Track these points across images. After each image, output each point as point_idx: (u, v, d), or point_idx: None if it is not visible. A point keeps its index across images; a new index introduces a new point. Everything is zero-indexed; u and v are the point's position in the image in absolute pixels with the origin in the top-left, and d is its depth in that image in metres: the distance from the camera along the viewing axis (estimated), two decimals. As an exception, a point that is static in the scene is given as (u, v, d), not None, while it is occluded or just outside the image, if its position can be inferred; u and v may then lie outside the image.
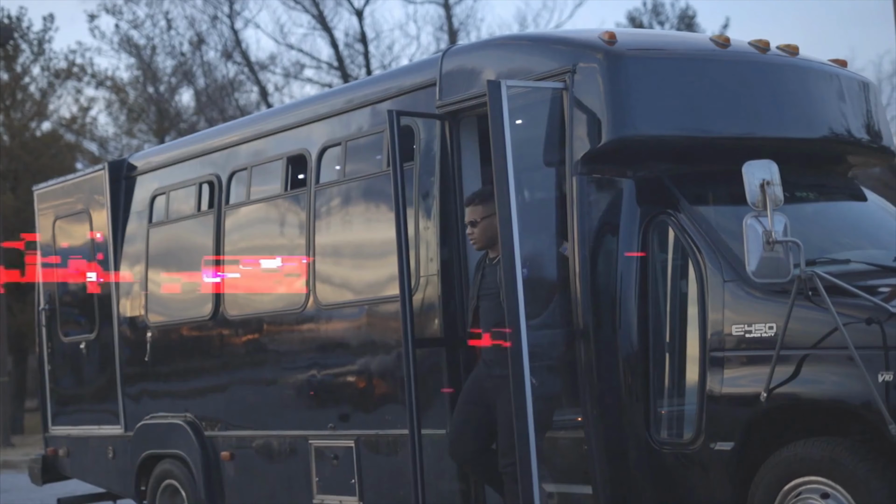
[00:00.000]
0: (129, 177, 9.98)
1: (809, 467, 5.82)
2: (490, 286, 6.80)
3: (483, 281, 6.88)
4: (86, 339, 10.16)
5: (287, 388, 8.36)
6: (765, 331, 5.99)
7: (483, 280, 6.88)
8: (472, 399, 6.91)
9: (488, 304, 6.80)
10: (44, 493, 13.51)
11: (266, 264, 8.72)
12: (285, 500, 8.43)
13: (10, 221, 29.24)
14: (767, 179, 5.81)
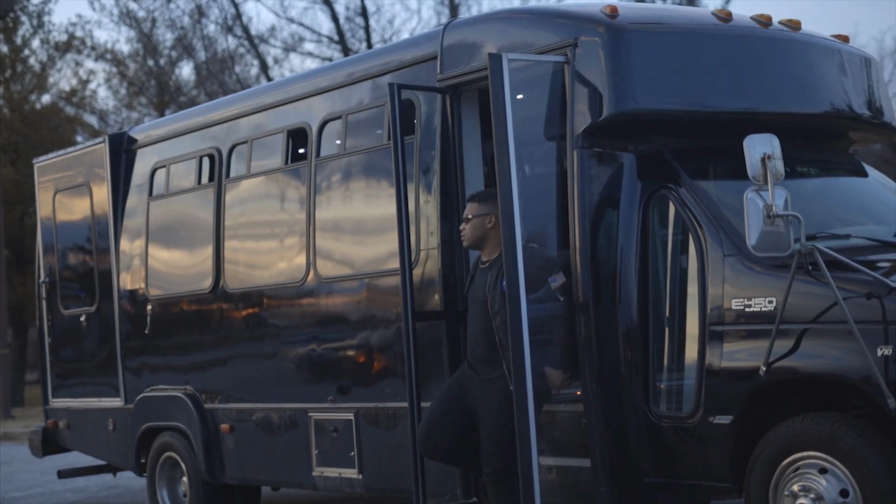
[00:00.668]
0: (130, 150, 9.97)
1: (808, 442, 5.83)
2: (477, 293, 6.73)
3: (472, 284, 6.81)
4: (86, 311, 10.18)
5: (287, 361, 8.37)
6: (764, 305, 6.00)
7: (472, 283, 6.82)
8: (452, 397, 6.80)
9: (475, 309, 6.74)
10: (44, 465, 13.58)
11: (266, 238, 8.73)
12: (285, 473, 8.46)
13: (10, 194, 29.25)
14: (768, 153, 5.81)
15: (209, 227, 9.03)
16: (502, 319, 6.47)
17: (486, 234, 6.70)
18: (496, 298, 6.54)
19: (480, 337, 6.66)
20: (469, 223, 6.75)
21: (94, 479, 12.47)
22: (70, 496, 12.29)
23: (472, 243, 6.79)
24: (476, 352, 6.69)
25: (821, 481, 5.78)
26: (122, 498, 11.85)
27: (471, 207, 6.78)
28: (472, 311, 6.76)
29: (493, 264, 6.66)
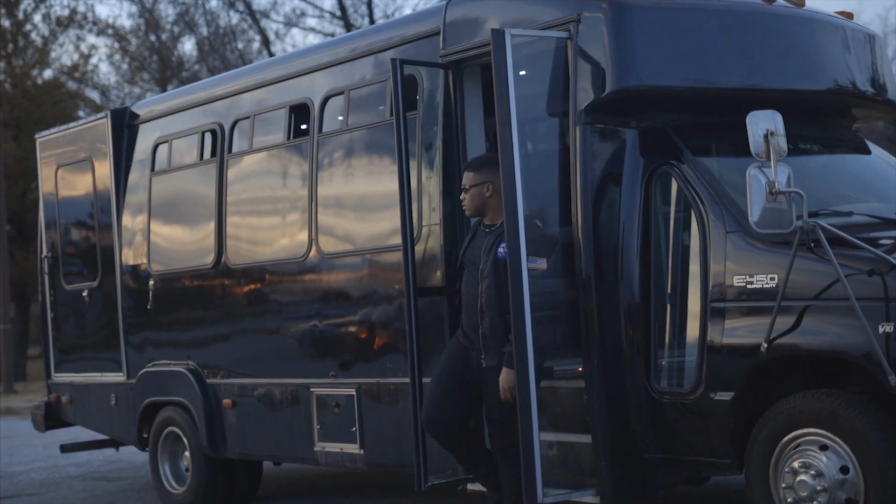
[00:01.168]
0: (132, 125, 9.96)
1: (808, 419, 5.84)
2: (475, 255, 6.70)
3: (471, 245, 6.77)
4: (88, 287, 10.19)
5: (289, 337, 8.39)
6: (766, 282, 6.00)
7: (471, 244, 6.78)
8: (451, 370, 6.77)
9: (469, 275, 6.71)
10: (47, 440, 13.62)
11: (268, 213, 8.73)
12: (287, 448, 8.48)
13: (11, 169, 29.25)
14: (771, 130, 5.80)
15: (211, 203, 9.03)
16: (488, 284, 6.48)
17: (485, 203, 6.68)
18: (488, 262, 6.53)
19: (473, 302, 6.63)
20: (468, 193, 6.74)
21: (97, 454, 12.51)
22: (73, 470, 12.32)
23: (474, 212, 6.78)
24: (471, 319, 6.65)
25: (821, 458, 5.79)
26: (124, 472, 11.89)
27: (467, 177, 6.76)
28: (469, 275, 6.73)
29: (495, 230, 6.64)
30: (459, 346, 6.75)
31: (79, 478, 11.79)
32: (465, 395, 6.69)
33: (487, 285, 6.50)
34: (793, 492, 5.87)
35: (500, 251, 6.49)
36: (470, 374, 6.63)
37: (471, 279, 6.67)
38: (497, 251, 6.51)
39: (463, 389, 6.68)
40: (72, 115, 30.92)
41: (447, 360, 6.81)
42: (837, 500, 5.74)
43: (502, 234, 6.51)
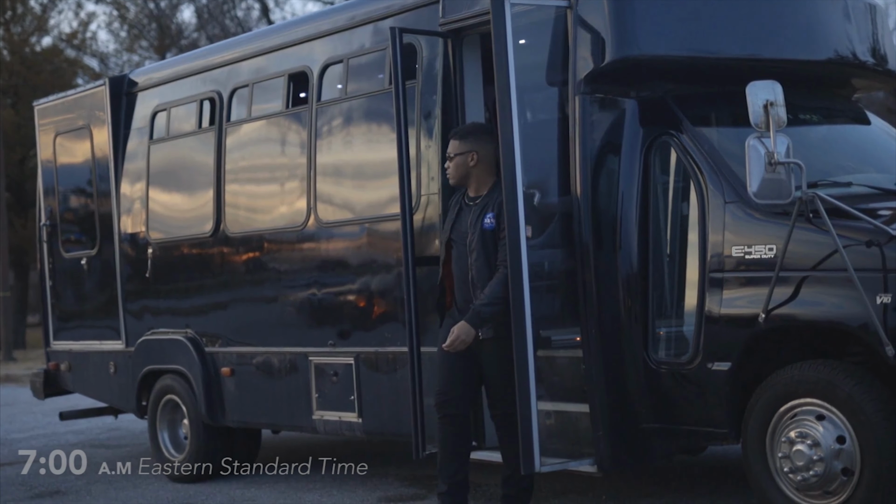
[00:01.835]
0: (130, 93, 9.94)
1: (805, 389, 5.86)
2: (462, 230, 6.60)
3: (458, 220, 6.66)
4: (87, 255, 10.19)
5: (287, 305, 8.39)
6: (764, 252, 6.01)
7: (458, 219, 6.67)
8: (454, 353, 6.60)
9: (458, 251, 6.62)
10: (46, 407, 13.66)
11: (267, 182, 8.72)
12: (285, 416, 8.50)
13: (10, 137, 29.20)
14: (771, 100, 5.78)
15: (210, 171, 9.02)
16: (477, 256, 6.45)
17: (469, 172, 6.61)
18: (476, 235, 6.48)
19: (466, 277, 6.57)
20: (452, 161, 6.67)
21: (96, 422, 12.55)
22: (72, 438, 12.36)
23: (458, 181, 6.70)
24: (466, 294, 6.59)
25: (818, 428, 5.81)
26: (123, 440, 11.92)
27: (452, 145, 6.69)
28: (457, 251, 6.63)
29: (480, 201, 6.58)
30: (455, 323, 6.65)
31: (78, 445, 11.82)
32: (471, 372, 6.59)
33: (476, 257, 6.46)
34: (789, 461, 5.90)
35: (487, 222, 6.46)
36: (469, 350, 6.59)
37: (460, 255, 6.60)
38: (484, 222, 6.47)
39: (469, 366, 6.58)
40: (70, 82, 30.84)
41: None
42: (833, 469, 5.77)
43: (487, 204, 6.50)
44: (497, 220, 6.44)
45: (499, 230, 6.42)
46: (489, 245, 6.44)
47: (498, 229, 6.43)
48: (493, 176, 6.60)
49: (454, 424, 6.56)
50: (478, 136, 6.62)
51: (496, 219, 6.44)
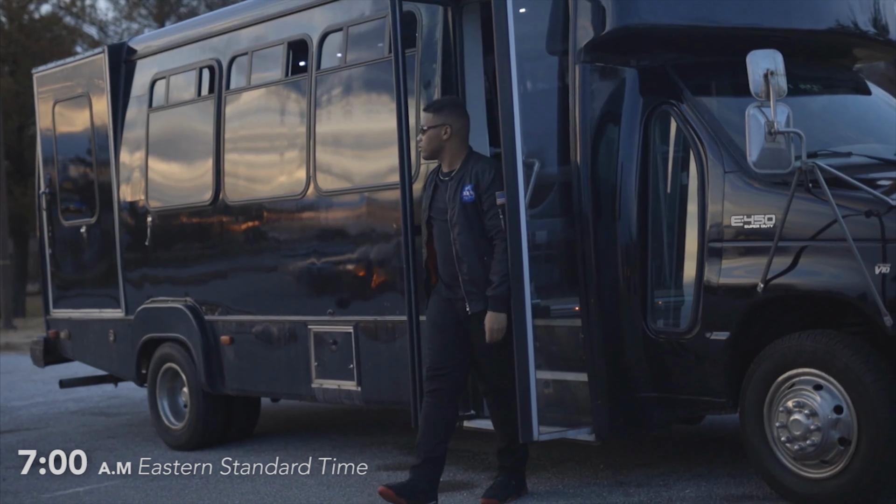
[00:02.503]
0: (129, 61, 9.91)
1: (804, 359, 5.87)
2: (440, 206, 6.53)
3: (434, 197, 6.59)
4: (86, 223, 10.18)
5: (287, 274, 8.40)
6: (764, 222, 6.01)
7: (434, 196, 6.60)
8: (442, 325, 6.57)
9: (439, 228, 6.54)
10: (46, 375, 13.69)
11: (266, 150, 8.70)
12: (284, 385, 8.52)
13: (9, 105, 29.13)
14: (771, 70, 5.77)
15: (209, 140, 9.01)
16: (460, 230, 6.38)
17: (442, 146, 6.54)
18: (456, 209, 6.40)
19: (449, 253, 6.49)
20: (425, 134, 6.58)
21: (96, 389, 12.59)
22: (72, 405, 12.40)
23: (430, 154, 6.62)
24: (450, 270, 6.50)
25: (815, 397, 5.83)
26: (123, 408, 11.96)
27: (426, 118, 6.61)
28: (438, 228, 6.56)
29: (455, 175, 6.52)
30: (442, 299, 6.60)
31: (78, 413, 11.87)
32: (462, 347, 6.53)
33: (459, 231, 6.39)
34: (787, 431, 5.92)
35: (466, 194, 6.39)
36: (459, 325, 6.53)
37: (442, 231, 6.53)
38: (462, 195, 6.40)
39: (459, 341, 6.52)
40: (69, 50, 30.74)
41: (436, 316, 6.63)
42: (831, 439, 5.79)
43: (463, 177, 6.44)
44: (476, 191, 6.38)
45: (481, 201, 6.37)
46: (471, 217, 6.39)
47: (480, 200, 6.37)
48: (465, 149, 6.55)
49: (441, 399, 6.51)
50: (451, 109, 6.58)
51: (475, 190, 6.38)
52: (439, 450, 6.52)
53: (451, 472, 7.50)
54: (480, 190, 6.37)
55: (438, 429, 6.51)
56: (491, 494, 6.60)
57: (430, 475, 6.51)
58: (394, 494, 6.39)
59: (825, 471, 5.85)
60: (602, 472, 7.20)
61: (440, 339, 6.55)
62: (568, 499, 6.63)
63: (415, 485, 6.46)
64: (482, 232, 6.38)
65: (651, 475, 7.01)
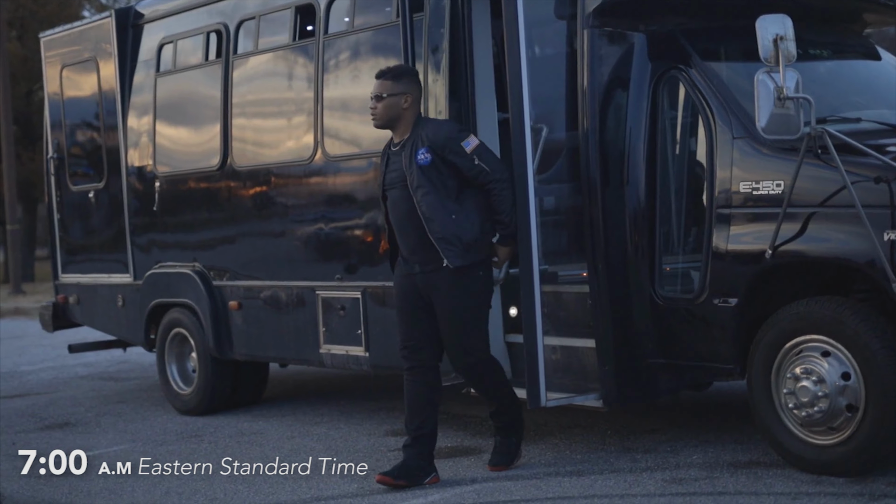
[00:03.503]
0: (137, 25, 9.88)
1: (812, 325, 5.87)
2: (395, 178, 6.40)
3: (388, 170, 6.46)
4: (94, 188, 10.19)
5: (295, 240, 8.40)
6: (772, 188, 5.99)
7: (388, 169, 6.46)
8: (411, 307, 6.46)
9: (396, 196, 6.39)
10: (55, 340, 13.73)
11: (274, 116, 8.69)
12: (292, 350, 8.54)
13: (17, 69, 29.08)
14: (781, 35, 5.74)
15: (217, 105, 8.99)
16: (424, 192, 6.23)
17: (400, 115, 6.40)
18: (414, 173, 6.27)
19: (406, 222, 6.36)
20: (382, 102, 6.40)
21: (105, 354, 12.63)
22: (81, 370, 12.45)
23: (385, 123, 6.46)
24: (407, 240, 6.40)
25: (823, 364, 5.83)
26: (132, 373, 12.00)
27: (383, 85, 6.42)
28: (393, 199, 6.42)
29: (405, 143, 6.38)
30: (402, 275, 6.50)
31: (87, 377, 11.92)
32: (430, 321, 6.41)
33: (424, 193, 6.23)
34: (794, 397, 5.92)
35: (420, 158, 6.26)
36: (420, 298, 6.41)
37: (398, 199, 6.37)
38: (417, 159, 6.27)
39: (427, 316, 6.42)
40: (76, 14, 30.67)
41: (399, 293, 6.53)
42: (838, 405, 5.79)
43: (415, 142, 6.31)
44: (434, 153, 6.24)
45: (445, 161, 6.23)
46: (433, 178, 6.24)
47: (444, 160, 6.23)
48: (412, 115, 6.44)
49: (420, 375, 6.46)
50: (411, 77, 6.47)
51: (431, 152, 6.25)
52: (427, 426, 6.46)
53: (458, 438, 7.53)
54: (440, 151, 6.25)
55: (423, 406, 6.47)
56: (497, 461, 6.60)
57: (423, 451, 6.48)
58: (391, 479, 6.39)
59: (832, 437, 5.85)
60: (609, 438, 7.22)
61: (406, 316, 6.48)
62: (575, 464, 6.65)
63: (410, 464, 6.45)
64: (446, 192, 6.25)
65: (658, 441, 7.03)
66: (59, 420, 9.43)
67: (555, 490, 6.17)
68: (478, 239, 6.31)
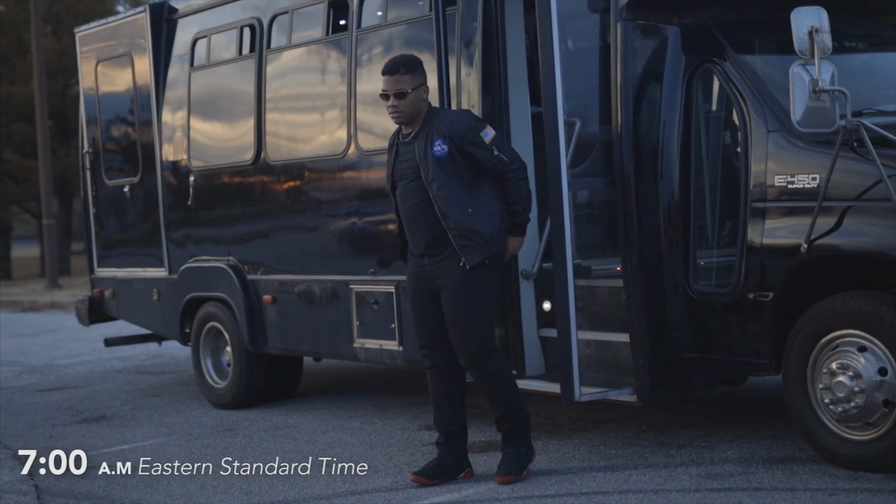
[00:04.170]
0: (171, 20, 9.91)
1: (848, 320, 5.83)
2: (406, 169, 6.27)
3: (397, 161, 6.32)
4: (129, 182, 10.24)
5: (328, 234, 8.41)
6: (807, 181, 5.95)
7: (397, 161, 6.33)
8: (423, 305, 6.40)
9: (407, 189, 6.27)
10: (91, 334, 13.83)
11: (307, 110, 8.70)
12: (326, 344, 8.56)
13: (52, 65, 29.26)
14: (816, 27, 5.70)
15: (250, 99, 9.01)
16: (440, 185, 6.13)
17: (422, 107, 6.29)
18: (429, 165, 6.14)
19: (418, 215, 6.25)
20: (406, 98, 6.21)
21: (140, 348, 12.70)
22: (117, 364, 12.53)
23: (411, 118, 6.26)
24: (416, 233, 6.30)
25: (859, 359, 5.79)
26: (166, 366, 12.07)
27: (403, 80, 6.21)
28: (403, 191, 6.30)
29: (417, 134, 6.25)
30: (413, 271, 6.44)
31: (123, 371, 11.99)
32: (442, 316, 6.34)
33: (439, 187, 6.13)
34: (830, 392, 5.88)
35: (437, 149, 6.14)
36: (431, 293, 6.35)
37: (409, 192, 6.26)
38: (433, 150, 6.14)
39: (438, 311, 6.34)
40: (111, 9, 30.82)
41: (412, 290, 6.48)
42: (875, 401, 5.75)
43: (429, 133, 6.19)
44: (452, 143, 6.12)
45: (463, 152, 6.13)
46: (449, 172, 6.14)
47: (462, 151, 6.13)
48: (426, 105, 6.32)
49: (442, 373, 6.42)
50: (421, 67, 6.31)
51: (449, 143, 6.13)
52: (456, 422, 6.44)
53: (492, 433, 7.51)
54: (459, 141, 6.14)
55: (448, 403, 6.44)
56: (505, 471, 6.33)
57: (455, 447, 6.46)
58: (426, 480, 6.36)
59: (869, 433, 5.81)
60: (644, 434, 7.20)
61: (420, 314, 6.44)
62: (609, 459, 6.63)
63: (444, 461, 6.44)
64: (462, 185, 6.16)
65: (693, 436, 7.00)
66: (96, 413, 9.49)
67: (589, 485, 6.15)
68: (495, 234, 6.23)
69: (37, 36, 25.38)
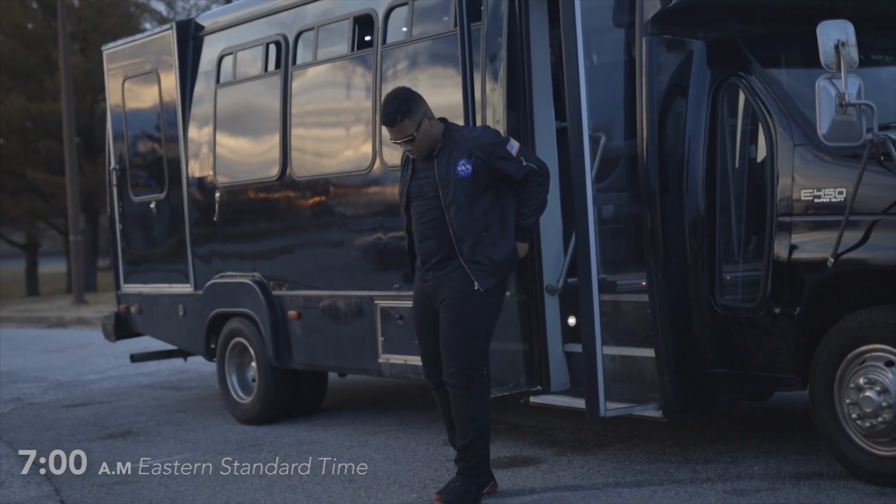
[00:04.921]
0: (197, 37, 9.97)
1: (875, 335, 5.79)
2: (425, 186, 6.22)
3: (414, 178, 6.29)
4: (156, 199, 10.28)
5: (353, 249, 8.42)
6: (834, 195, 5.92)
7: (414, 178, 6.29)
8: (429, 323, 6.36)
9: (422, 207, 6.23)
10: (117, 349, 13.88)
11: (332, 126, 8.72)
12: (351, 360, 8.56)
13: (80, 82, 29.44)
14: (842, 40, 5.68)
15: (276, 115, 9.04)
16: (457, 209, 6.08)
17: (435, 133, 6.20)
18: (451, 185, 6.10)
19: (432, 232, 6.20)
20: (416, 139, 6.16)
21: (166, 364, 12.74)
22: (143, 379, 12.56)
23: (431, 148, 6.22)
24: (428, 249, 6.25)
25: (887, 374, 5.75)
26: (192, 382, 12.09)
27: (405, 126, 6.16)
28: (419, 208, 6.26)
29: (441, 152, 6.19)
30: (417, 288, 6.41)
31: (148, 387, 12.02)
32: None
33: (456, 210, 6.08)
34: (857, 408, 5.84)
35: (461, 169, 6.11)
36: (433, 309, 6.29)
37: (423, 211, 6.23)
38: (457, 170, 6.10)
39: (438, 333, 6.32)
40: (138, 27, 31.03)
41: (417, 312, 6.44)
42: (903, 416, 5.71)
43: (452, 151, 6.16)
44: (479, 161, 6.08)
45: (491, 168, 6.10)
46: (470, 193, 6.10)
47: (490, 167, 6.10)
48: (441, 123, 6.30)
49: (445, 394, 6.38)
50: (413, 98, 6.25)
51: (473, 163, 6.09)
52: None
53: (517, 448, 7.51)
54: (487, 158, 6.10)
55: None
56: (446, 498, 6.16)
57: None
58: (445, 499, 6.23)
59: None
60: (669, 449, 7.16)
61: (422, 334, 6.42)
62: (635, 475, 6.61)
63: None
64: (479, 208, 6.13)
65: (719, 452, 6.96)
66: (122, 429, 9.51)
67: (614, 500, 6.13)
68: (507, 258, 6.21)
69: (64, 54, 25.55)
